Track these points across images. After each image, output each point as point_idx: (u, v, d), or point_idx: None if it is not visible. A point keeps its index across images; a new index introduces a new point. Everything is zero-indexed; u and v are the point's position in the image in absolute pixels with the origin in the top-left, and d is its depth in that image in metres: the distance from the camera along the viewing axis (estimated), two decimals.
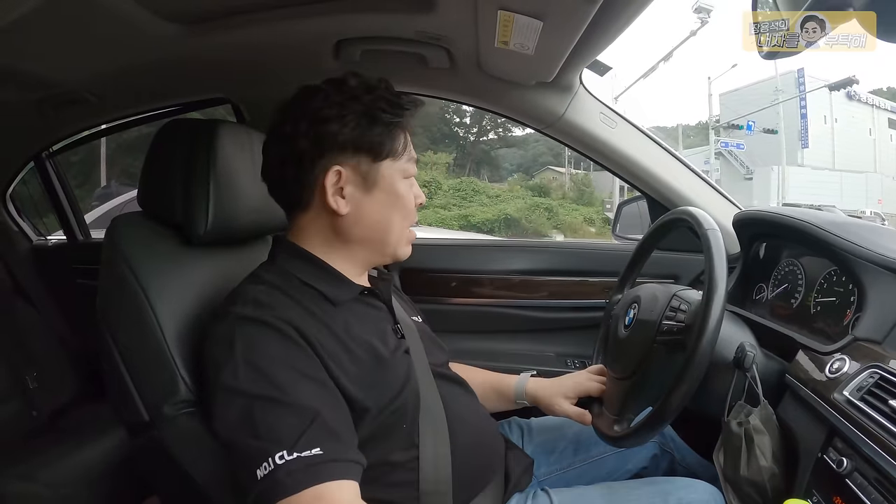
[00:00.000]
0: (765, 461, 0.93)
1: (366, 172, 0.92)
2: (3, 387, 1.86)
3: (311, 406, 0.77)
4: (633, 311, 1.11)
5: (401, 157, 0.95)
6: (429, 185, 19.05)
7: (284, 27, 1.29)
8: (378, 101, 0.93)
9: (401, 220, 0.96)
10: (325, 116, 0.90)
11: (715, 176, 21.02)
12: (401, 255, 1.00)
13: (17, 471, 1.54)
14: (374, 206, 0.94)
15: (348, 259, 0.97)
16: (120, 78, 1.49)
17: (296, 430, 0.74)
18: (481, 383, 1.23)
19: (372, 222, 0.95)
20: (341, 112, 0.91)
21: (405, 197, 0.96)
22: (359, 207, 0.93)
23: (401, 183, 0.95)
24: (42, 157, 2.13)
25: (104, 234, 1.03)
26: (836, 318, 1.12)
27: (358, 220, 0.94)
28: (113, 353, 0.95)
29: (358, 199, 0.93)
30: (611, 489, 1.06)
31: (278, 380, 0.78)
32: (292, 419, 0.75)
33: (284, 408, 0.76)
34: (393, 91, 0.96)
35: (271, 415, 0.75)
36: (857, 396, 0.84)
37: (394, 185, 0.95)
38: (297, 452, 0.72)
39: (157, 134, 1.09)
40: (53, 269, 2.27)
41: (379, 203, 0.94)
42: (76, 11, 1.09)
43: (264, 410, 0.76)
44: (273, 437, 0.73)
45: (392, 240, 0.97)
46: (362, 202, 0.93)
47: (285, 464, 0.71)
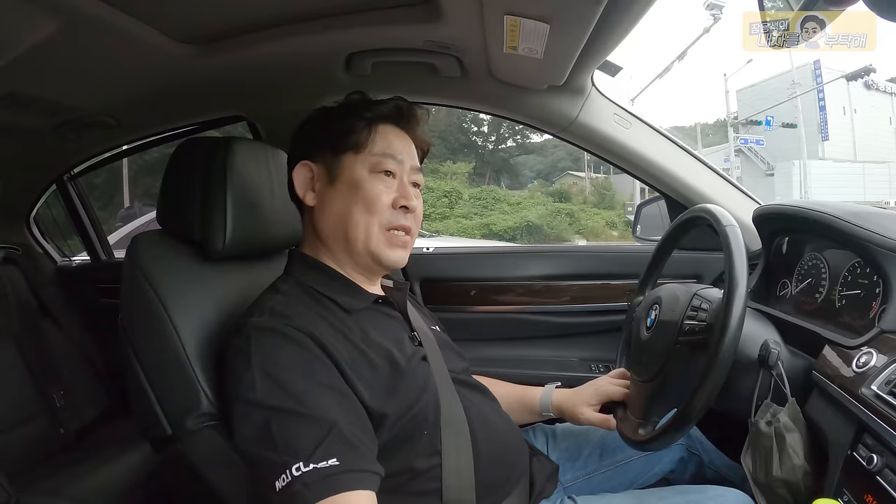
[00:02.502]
0: (798, 459, 0.91)
1: (330, 165, 0.97)
2: (31, 405, 1.90)
3: (329, 416, 0.77)
4: (654, 312, 1.10)
5: (364, 150, 0.97)
6: (449, 195, 19.21)
7: (295, 43, 1.30)
8: (351, 100, 1.01)
9: (365, 215, 0.95)
10: (309, 119, 1.02)
11: (736, 173, 20.81)
12: (380, 255, 0.97)
13: (45, 487, 1.56)
14: (335, 197, 0.96)
15: (340, 262, 0.99)
16: (137, 100, 1.52)
17: (313, 442, 0.74)
18: (506, 395, 1.22)
19: (333, 215, 0.97)
20: (321, 114, 1.01)
21: (369, 191, 0.95)
22: (323, 200, 0.98)
23: (366, 177, 0.96)
24: (64, 179, 2.19)
25: (125, 253, 1.04)
26: (862, 311, 1.09)
27: (322, 212, 0.98)
28: (136, 369, 0.97)
29: (323, 192, 0.98)
30: (639, 498, 1.05)
31: (295, 390, 0.78)
32: (310, 430, 0.75)
33: (302, 419, 0.76)
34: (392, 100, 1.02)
35: (289, 427, 0.75)
36: (885, 391, 0.81)
37: (355, 177, 0.96)
38: (314, 464, 0.72)
39: (175, 153, 1.11)
40: (78, 289, 2.31)
41: (340, 195, 0.96)
42: (91, 38, 1.11)
43: (282, 423, 0.76)
44: (290, 449, 0.73)
45: (357, 235, 0.95)
46: (326, 194, 0.98)
47: (302, 475, 0.71)
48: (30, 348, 1.98)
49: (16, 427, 1.82)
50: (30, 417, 1.88)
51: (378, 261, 0.97)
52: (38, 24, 1.00)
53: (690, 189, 1.62)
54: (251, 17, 1.22)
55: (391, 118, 1.01)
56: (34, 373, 1.95)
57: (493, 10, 1.05)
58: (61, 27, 1.02)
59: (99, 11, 1.01)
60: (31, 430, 1.86)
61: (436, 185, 19.16)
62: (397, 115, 1.01)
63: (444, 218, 18.13)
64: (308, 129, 1.03)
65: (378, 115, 0.99)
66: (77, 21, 1.02)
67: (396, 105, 1.01)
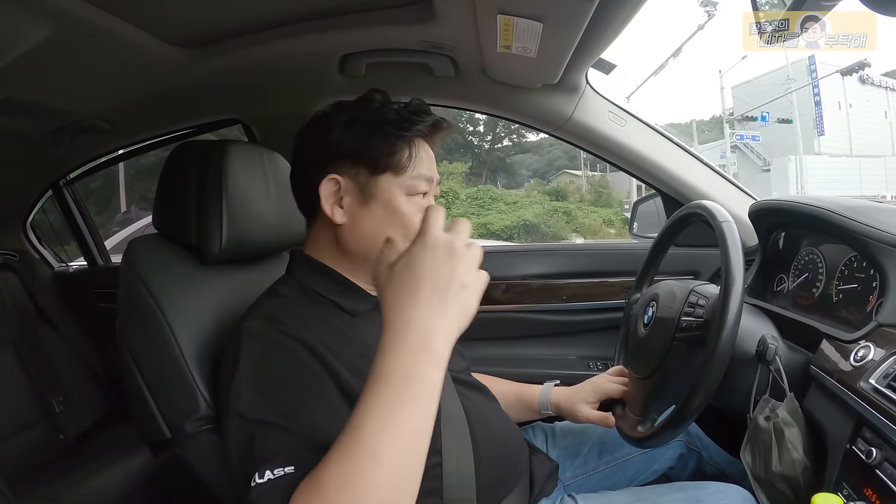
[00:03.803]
0: (797, 454, 0.91)
1: (363, 184, 0.92)
2: (30, 411, 1.90)
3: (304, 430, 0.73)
4: (651, 309, 1.10)
5: (404, 173, 0.92)
6: (446, 196, 19.17)
7: (289, 45, 1.30)
8: (386, 113, 0.93)
9: (401, 239, 0.91)
10: (331, 125, 0.92)
11: (732, 170, 20.89)
12: None
13: (45, 493, 1.56)
14: (369, 219, 0.92)
15: (355, 271, 0.96)
16: (132, 104, 1.52)
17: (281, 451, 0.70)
18: (505, 394, 1.22)
19: (367, 236, 0.92)
20: (347, 121, 0.92)
21: (406, 215, 0.91)
22: (354, 219, 0.92)
23: (402, 200, 0.92)
24: (60, 184, 2.19)
25: (121, 257, 1.04)
26: (859, 305, 1.09)
27: (354, 232, 0.93)
28: (134, 373, 0.97)
29: (354, 210, 0.92)
30: (639, 495, 1.04)
31: (277, 401, 0.76)
32: (282, 442, 0.72)
33: (280, 431, 0.73)
34: (412, 106, 0.95)
35: (265, 439, 0.72)
36: (883, 384, 0.82)
37: (392, 200, 0.92)
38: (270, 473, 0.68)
39: (170, 157, 1.11)
40: (75, 294, 2.31)
41: (376, 217, 0.92)
42: (85, 43, 1.11)
43: (261, 434, 0.73)
44: (258, 459, 0.70)
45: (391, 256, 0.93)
46: (358, 214, 0.92)
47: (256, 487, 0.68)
48: (28, 354, 1.97)
49: (15, 433, 1.81)
50: (29, 424, 1.87)
51: None
52: (31, 29, 1.00)
53: (686, 186, 1.62)
54: (244, 19, 1.23)
55: (426, 135, 0.96)
56: (33, 379, 1.94)
57: (487, 10, 1.05)
58: (55, 32, 1.01)
59: (93, 16, 1.01)
60: (31, 436, 1.86)
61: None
62: (432, 132, 0.97)
63: None
64: (335, 139, 0.93)
65: (417, 132, 0.94)
66: (71, 26, 1.02)
67: (435, 122, 0.96)
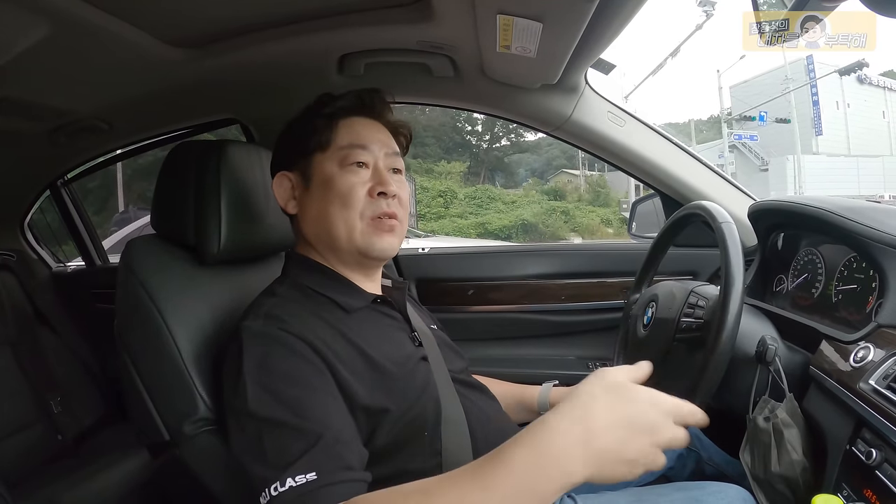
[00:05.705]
0: (796, 455, 0.91)
1: (303, 170, 0.98)
2: (29, 412, 1.89)
3: (318, 426, 0.74)
4: (651, 309, 1.10)
5: (329, 146, 0.96)
6: (444, 195, 19.22)
7: (288, 45, 1.30)
8: (314, 106, 1.01)
9: (342, 210, 0.93)
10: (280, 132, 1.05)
11: (730, 169, 20.89)
12: (366, 246, 0.95)
13: (43, 494, 1.55)
14: (312, 201, 0.97)
15: (337, 262, 0.98)
16: (130, 104, 1.52)
17: (297, 454, 0.71)
18: (504, 395, 1.21)
19: (313, 218, 0.97)
20: (287, 125, 1.04)
21: (342, 185, 0.94)
22: (303, 206, 0.98)
23: (336, 171, 0.95)
24: (57, 185, 2.18)
25: (119, 258, 1.04)
26: (859, 306, 1.09)
27: (306, 218, 0.98)
28: (132, 374, 0.96)
29: (301, 197, 0.98)
30: (639, 496, 1.04)
31: (284, 397, 0.76)
32: (297, 443, 0.72)
33: (290, 430, 0.73)
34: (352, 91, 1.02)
35: (277, 439, 0.73)
36: (883, 385, 0.81)
37: (326, 175, 0.95)
38: (291, 480, 0.68)
39: (168, 157, 1.11)
40: (73, 295, 2.30)
41: (316, 197, 0.96)
42: (82, 42, 1.10)
43: (271, 434, 0.73)
44: (274, 462, 0.71)
45: (339, 232, 0.94)
46: (305, 201, 0.98)
47: (279, 495, 0.68)
48: (26, 355, 1.97)
49: (13, 434, 1.81)
50: (27, 424, 1.87)
51: (366, 253, 0.95)
52: (29, 28, 0.99)
53: (685, 186, 1.62)
54: (243, 19, 1.22)
55: (354, 109, 1.00)
56: (30, 379, 1.94)
57: (486, 10, 1.05)
58: (53, 31, 1.01)
59: (90, 15, 1.01)
60: (29, 437, 1.85)
61: (430, 185, 19.19)
62: (360, 105, 1.01)
63: (440, 218, 18.15)
64: (280, 141, 1.05)
65: (339, 109, 0.99)
66: (68, 25, 1.01)
67: (356, 95, 1.01)
